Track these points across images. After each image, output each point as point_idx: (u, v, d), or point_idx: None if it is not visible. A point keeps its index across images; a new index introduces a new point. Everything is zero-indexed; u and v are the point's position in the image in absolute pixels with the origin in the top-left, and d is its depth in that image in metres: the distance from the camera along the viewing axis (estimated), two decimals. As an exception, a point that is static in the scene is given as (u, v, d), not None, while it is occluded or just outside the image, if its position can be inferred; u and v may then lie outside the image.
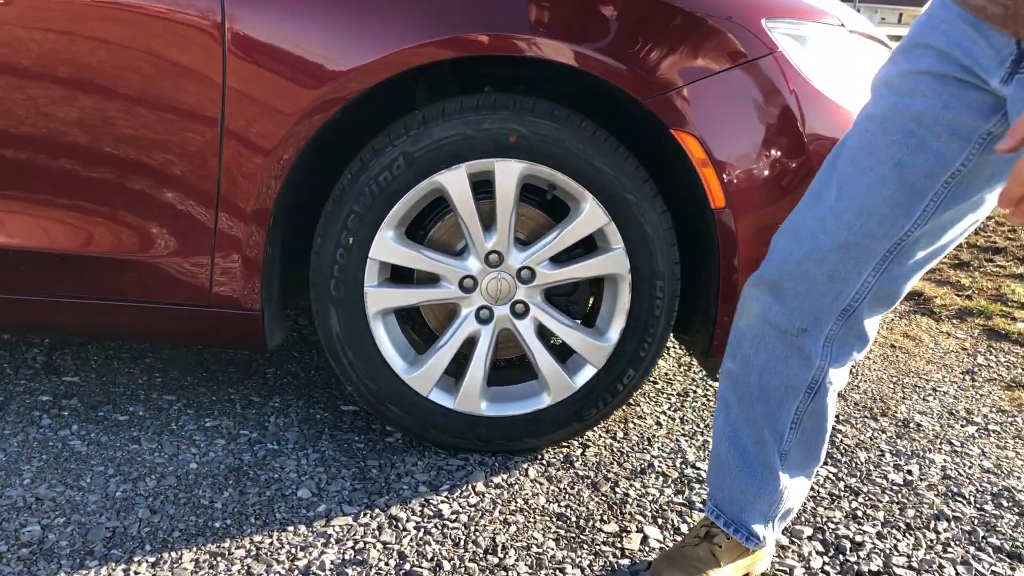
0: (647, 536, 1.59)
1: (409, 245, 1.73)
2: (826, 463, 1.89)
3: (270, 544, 1.50)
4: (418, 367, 1.77)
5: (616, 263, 1.73)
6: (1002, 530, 1.69)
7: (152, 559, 1.44)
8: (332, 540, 1.52)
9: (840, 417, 2.12)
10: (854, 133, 1.22)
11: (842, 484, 1.82)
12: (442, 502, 1.66)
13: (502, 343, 1.84)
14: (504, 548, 1.53)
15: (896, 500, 1.77)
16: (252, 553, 1.47)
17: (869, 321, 1.29)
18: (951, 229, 1.22)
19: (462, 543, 1.53)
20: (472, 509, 1.64)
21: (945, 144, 1.13)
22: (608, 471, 1.81)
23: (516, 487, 1.73)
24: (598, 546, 1.55)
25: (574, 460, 1.84)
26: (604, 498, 1.71)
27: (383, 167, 1.66)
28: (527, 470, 1.79)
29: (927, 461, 1.95)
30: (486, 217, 1.73)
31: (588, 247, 1.79)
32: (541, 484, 1.75)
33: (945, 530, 1.68)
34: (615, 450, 1.90)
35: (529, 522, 1.61)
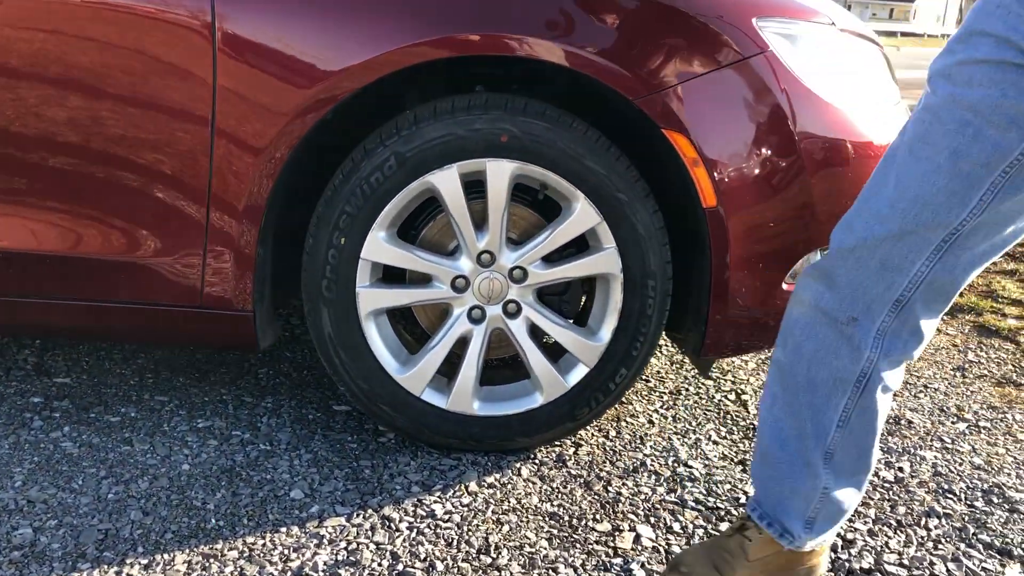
0: (639, 535, 1.60)
1: (401, 245, 1.73)
2: (818, 461, 1.90)
3: (263, 545, 1.50)
4: (410, 367, 1.77)
5: (608, 262, 1.73)
6: (992, 527, 1.70)
7: (144, 561, 1.44)
8: (325, 541, 1.52)
9: (832, 414, 2.13)
10: (912, 123, 1.20)
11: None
12: (435, 502, 1.66)
13: (494, 343, 1.84)
14: (497, 548, 1.53)
15: (887, 497, 1.78)
16: (245, 554, 1.47)
17: (925, 320, 1.26)
18: (1012, 222, 1.20)
19: (455, 543, 1.54)
20: (465, 509, 1.64)
21: (1002, 133, 1.11)
22: (601, 470, 1.82)
23: (509, 486, 1.73)
24: (591, 545, 1.56)
25: (567, 459, 1.85)
26: (597, 497, 1.72)
27: (374, 167, 1.66)
28: (520, 469, 1.79)
29: (918, 458, 1.96)
30: (478, 217, 1.73)
31: (580, 247, 1.79)
32: (534, 483, 1.75)
33: (936, 527, 1.69)
34: (608, 449, 1.90)
35: (522, 522, 1.62)
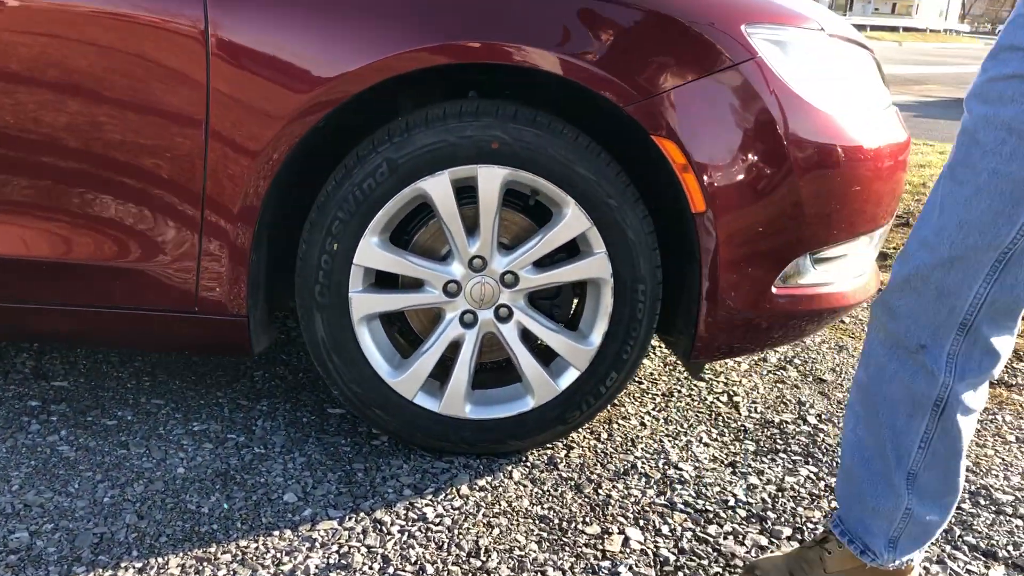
0: (628, 538, 1.61)
1: (393, 251, 1.74)
2: (807, 462, 1.92)
3: (256, 549, 1.52)
4: (403, 371, 1.79)
5: (598, 267, 1.75)
6: (978, 528, 1.72)
7: (139, 564, 1.46)
8: (317, 544, 1.54)
9: (823, 416, 2.15)
10: (953, 149, 1.22)
11: (823, 484, 1.84)
12: (426, 505, 1.68)
13: (486, 346, 1.85)
14: (487, 551, 1.55)
15: (875, 499, 1.79)
16: (238, 558, 1.49)
17: (997, 338, 1.27)
18: None
19: (445, 546, 1.56)
20: (456, 512, 1.66)
21: None
22: (592, 472, 1.83)
23: (500, 489, 1.75)
24: (579, 548, 1.58)
25: (558, 462, 1.86)
26: (587, 500, 1.73)
27: (367, 174, 1.67)
28: (511, 472, 1.81)
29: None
30: (470, 222, 1.74)
31: (571, 251, 1.81)
32: (525, 486, 1.77)
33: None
34: (599, 451, 1.92)
35: (512, 525, 1.64)
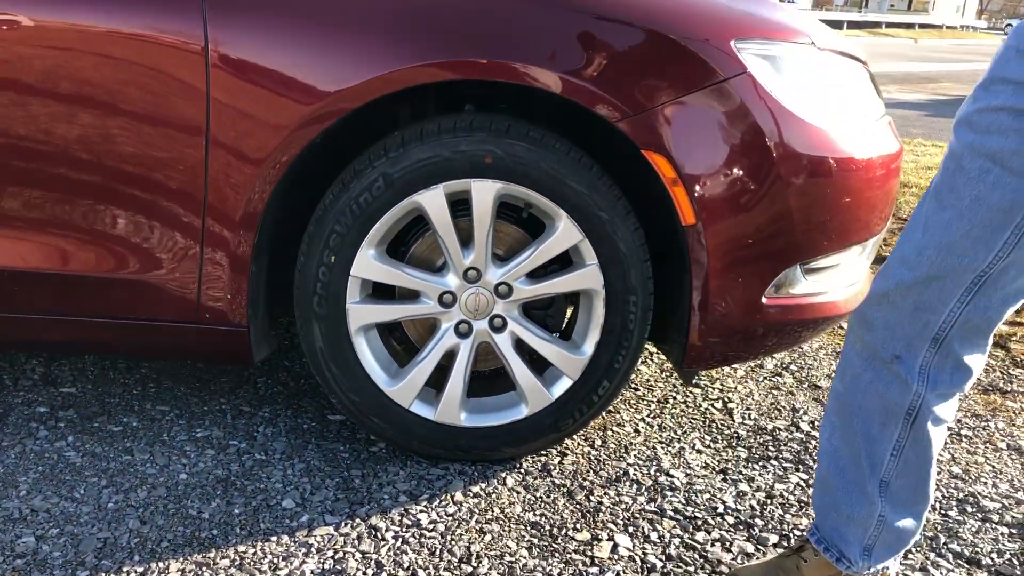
0: (617, 544, 1.65)
1: (389, 263, 1.79)
2: (798, 469, 1.95)
3: (253, 554, 1.56)
4: (399, 380, 1.83)
5: (590, 279, 1.79)
6: (964, 536, 1.75)
7: (140, 569, 1.51)
8: (313, 550, 1.58)
9: (816, 423, 2.18)
10: (940, 171, 1.26)
11: (811, 491, 1.87)
12: (421, 511, 1.72)
13: (482, 355, 1.90)
14: (478, 557, 1.59)
15: (863, 507, 1.82)
16: (236, 563, 1.54)
17: (968, 355, 1.32)
18: None
19: (438, 552, 1.60)
20: (449, 518, 1.70)
21: (1021, 179, 1.16)
22: (584, 479, 1.87)
23: (493, 496, 1.79)
24: (569, 554, 1.61)
25: (552, 469, 1.90)
26: (578, 506, 1.77)
27: (363, 188, 1.72)
28: (505, 479, 1.85)
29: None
30: (464, 234, 1.78)
31: (564, 263, 1.84)
32: (518, 493, 1.81)
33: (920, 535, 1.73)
34: (592, 458, 1.96)
35: (504, 531, 1.68)
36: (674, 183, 1.72)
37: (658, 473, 1.91)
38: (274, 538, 1.61)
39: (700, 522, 1.74)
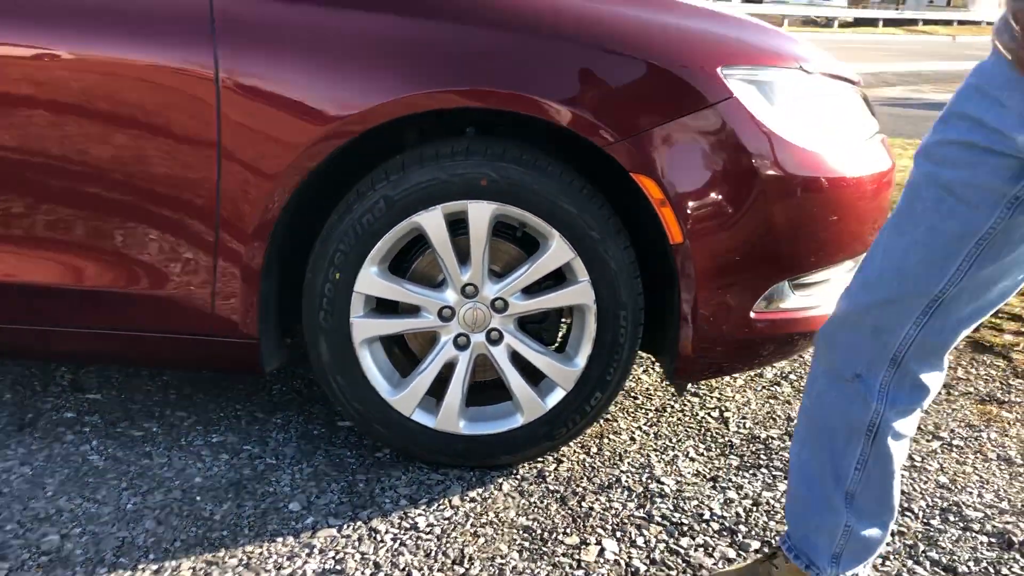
0: (604, 548, 1.74)
1: (391, 279, 1.88)
2: (786, 478, 2.02)
3: (260, 554, 1.67)
4: (401, 390, 1.93)
5: (582, 295, 1.87)
6: (943, 544, 1.81)
7: (155, 567, 1.62)
8: (316, 551, 1.69)
9: (809, 432, 2.24)
10: (900, 199, 1.34)
11: (798, 499, 1.94)
12: (419, 515, 1.82)
13: (480, 366, 1.99)
14: (471, 559, 1.68)
15: (847, 515, 1.89)
16: (243, 562, 1.64)
17: (925, 374, 1.39)
18: (994, 286, 1.32)
19: (433, 554, 1.69)
20: (446, 522, 1.80)
21: (973, 209, 1.23)
22: (578, 485, 1.96)
23: (489, 501, 1.88)
24: (557, 558, 1.70)
25: (547, 475, 1.99)
26: (570, 511, 1.86)
27: (366, 209, 1.81)
28: (501, 484, 1.94)
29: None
30: (462, 252, 1.88)
31: (558, 279, 1.93)
32: (513, 498, 1.90)
33: (888, 544, 1.79)
34: (587, 465, 2.04)
35: (497, 534, 1.77)
36: (662, 204, 1.80)
37: (649, 480, 1.99)
38: (280, 539, 1.72)
39: (686, 528, 1.82)
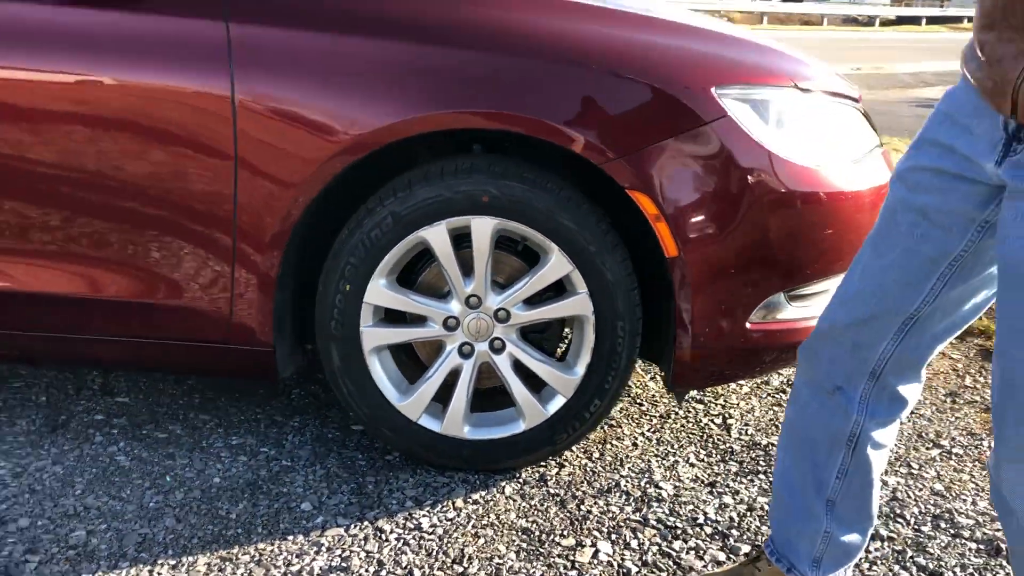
0: (598, 550, 1.81)
1: (398, 291, 1.97)
2: (782, 484, 2.08)
3: (271, 551, 1.77)
4: (409, 396, 2.02)
5: (581, 306, 1.95)
6: (931, 550, 1.85)
7: (173, 562, 1.73)
8: (324, 549, 1.78)
9: (809, 439, 2.29)
10: (878, 220, 1.41)
11: (792, 505, 2.00)
12: (423, 516, 1.91)
13: (484, 374, 2.07)
14: (470, 559, 1.77)
15: (839, 521, 1.94)
16: (255, 559, 1.75)
17: (903, 387, 1.46)
18: (965, 304, 1.39)
19: (434, 554, 1.78)
20: (449, 523, 1.89)
21: (946, 233, 1.30)
22: (577, 489, 2.03)
23: (491, 503, 1.97)
24: (552, 559, 1.78)
25: (548, 479, 2.07)
26: (569, 514, 1.94)
27: (374, 224, 1.91)
28: (504, 487, 2.03)
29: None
30: (466, 265, 1.96)
31: (558, 290, 2.01)
32: (514, 501, 1.98)
33: (876, 549, 1.85)
34: (588, 469, 2.12)
35: (497, 536, 1.85)
36: (657, 219, 1.87)
37: (648, 485, 2.06)
38: (291, 537, 1.82)
39: (679, 531, 1.89)
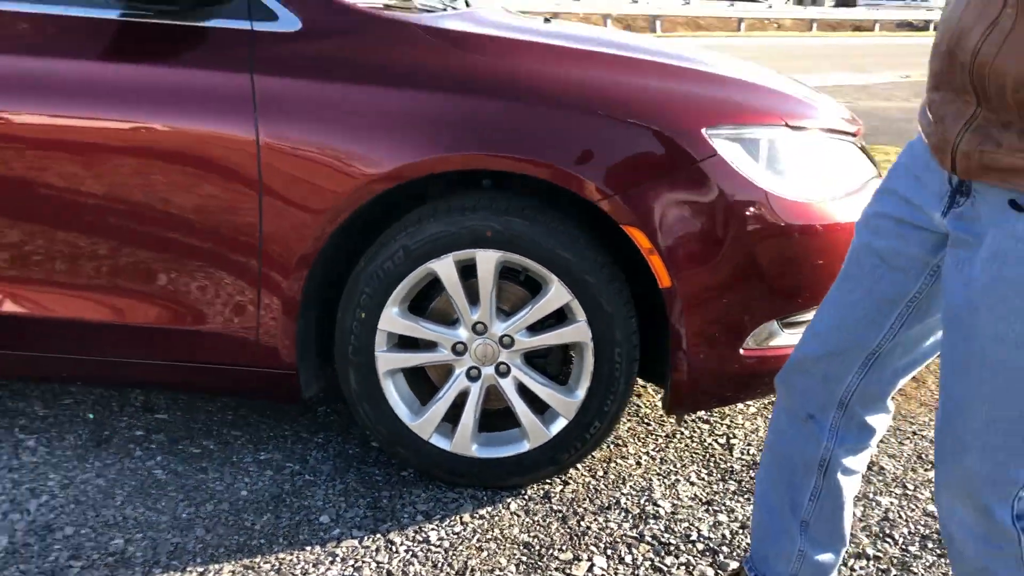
0: (594, 564, 1.93)
1: (410, 318, 2.12)
2: (777, 503, 2.17)
3: (290, 560, 1.92)
4: (420, 416, 2.16)
5: (580, 333, 2.07)
6: (915, 569, 1.94)
7: (201, 569, 1.89)
8: (338, 559, 1.93)
9: (808, 459, 2.38)
10: (845, 261, 1.52)
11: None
12: (432, 529, 2.04)
13: (491, 396, 2.20)
14: (472, 571, 1.90)
15: (828, 539, 2.03)
16: (276, 568, 1.90)
17: (870, 416, 1.56)
18: (924, 342, 1.50)
19: (440, 565, 1.92)
20: (455, 536, 2.02)
21: (903, 276, 1.41)
22: (579, 506, 2.15)
23: (496, 518, 2.09)
24: (550, 572, 1.90)
25: (552, 495, 2.19)
26: (569, 530, 2.06)
27: (387, 257, 2.05)
28: (509, 503, 2.16)
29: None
30: (473, 294, 2.10)
31: (560, 317, 2.13)
32: (519, 516, 2.11)
33: (861, 568, 1.94)
34: (591, 487, 2.24)
35: (499, 549, 1.98)
36: (650, 252, 1.99)
37: (647, 503, 2.17)
38: (309, 548, 1.97)
39: (672, 548, 2.00)
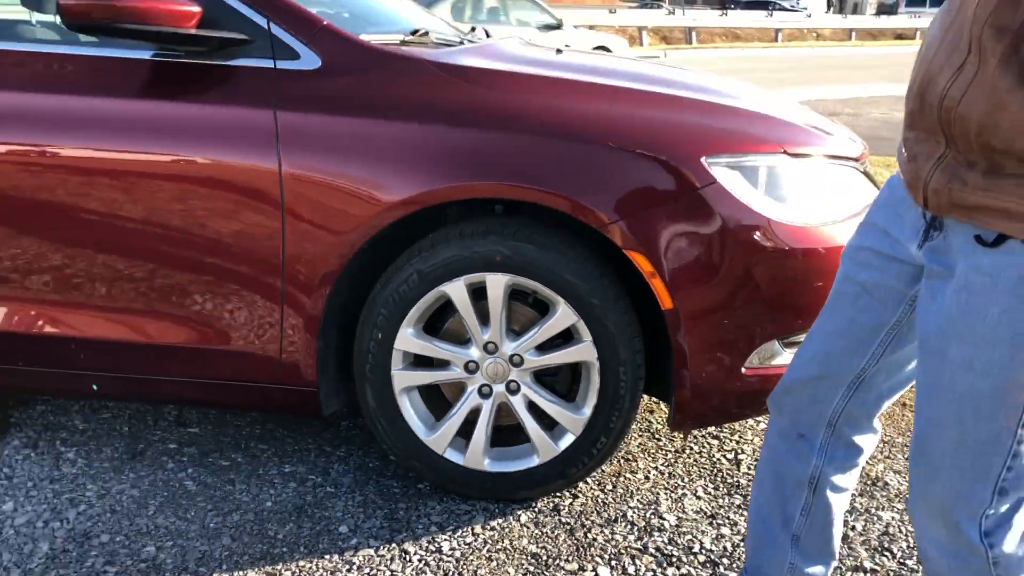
0: (598, 574, 2.01)
1: (424, 338, 2.23)
2: (780, 517, 2.24)
3: (309, 568, 2.03)
4: (435, 431, 2.27)
5: (586, 352, 2.16)
6: (910, 583, 2.00)
7: (226, 576, 2.01)
8: (354, 567, 2.04)
9: (814, 474, 2.44)
10: (831, 290, 1.60)
11: (784, 537, 2.16)
12: (445, 540, 2.14)
13: (503, 412, 2.30)
14: (481, 579, 2.00)
15: (827, 553, 2.10)
16: (296, 575, 2.01)
17: (857, 436, 1.65)
18: (906, 367, 1.58)
19: (451, 574, 2.02)
20: (467, 547, 2.12)
21: (883, 305, 1.49)
22: (587, 518, 2.24)
23: (507, 530, 2.19)
24: (554, 581, 2.00)
25: (561, 508, 2.28)
26: (576, 541, 2.15)
27: (402, 281, 2.17)
28: (520, 516, 2.25)
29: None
30: (484, 315, 2.20)
31: (567, 337, 2.23)
32: (528, 528, 2.20)
33: (857, 581, 2.00)
34: (599, 500, 2.32)
35: (508, 559, 2.07)
36: (652, 275, 2.08)
37: (653, 516, 2.26)
38: (327, 556, 2.08)
39: (674, 559, 2.08)
